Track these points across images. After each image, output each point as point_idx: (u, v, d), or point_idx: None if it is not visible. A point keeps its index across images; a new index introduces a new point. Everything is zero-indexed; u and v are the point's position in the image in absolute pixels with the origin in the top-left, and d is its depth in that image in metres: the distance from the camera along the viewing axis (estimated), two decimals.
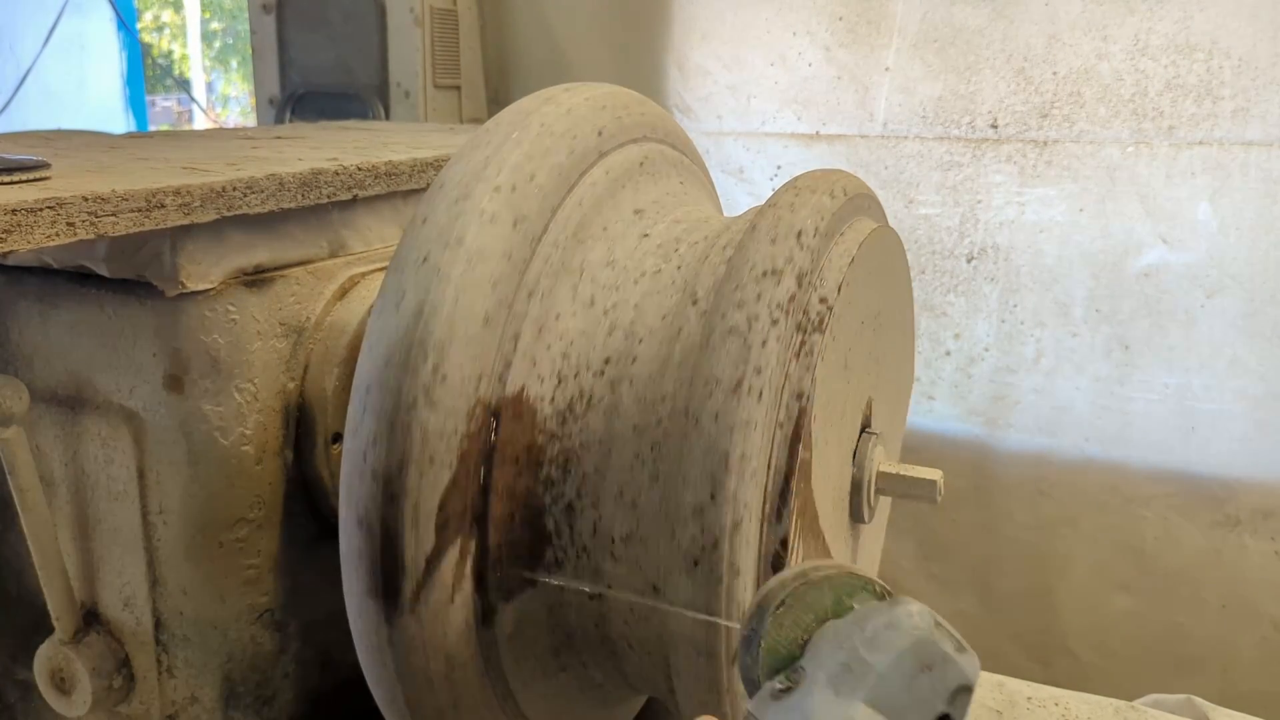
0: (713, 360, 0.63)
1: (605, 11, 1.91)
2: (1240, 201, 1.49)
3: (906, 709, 0.50)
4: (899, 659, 0.50)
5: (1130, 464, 1.62)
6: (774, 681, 0.52)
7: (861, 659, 0.51)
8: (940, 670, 0.51)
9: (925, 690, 0.50)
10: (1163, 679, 1.62)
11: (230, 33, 6.52)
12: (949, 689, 0.51)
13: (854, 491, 0.78)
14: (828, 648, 0.52)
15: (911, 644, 0.51)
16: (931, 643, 0.51)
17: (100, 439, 0.86)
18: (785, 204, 0.70)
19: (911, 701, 0.50)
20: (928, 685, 0.50)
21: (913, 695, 0.50)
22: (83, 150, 0.96)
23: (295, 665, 0.93)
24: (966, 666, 0.51)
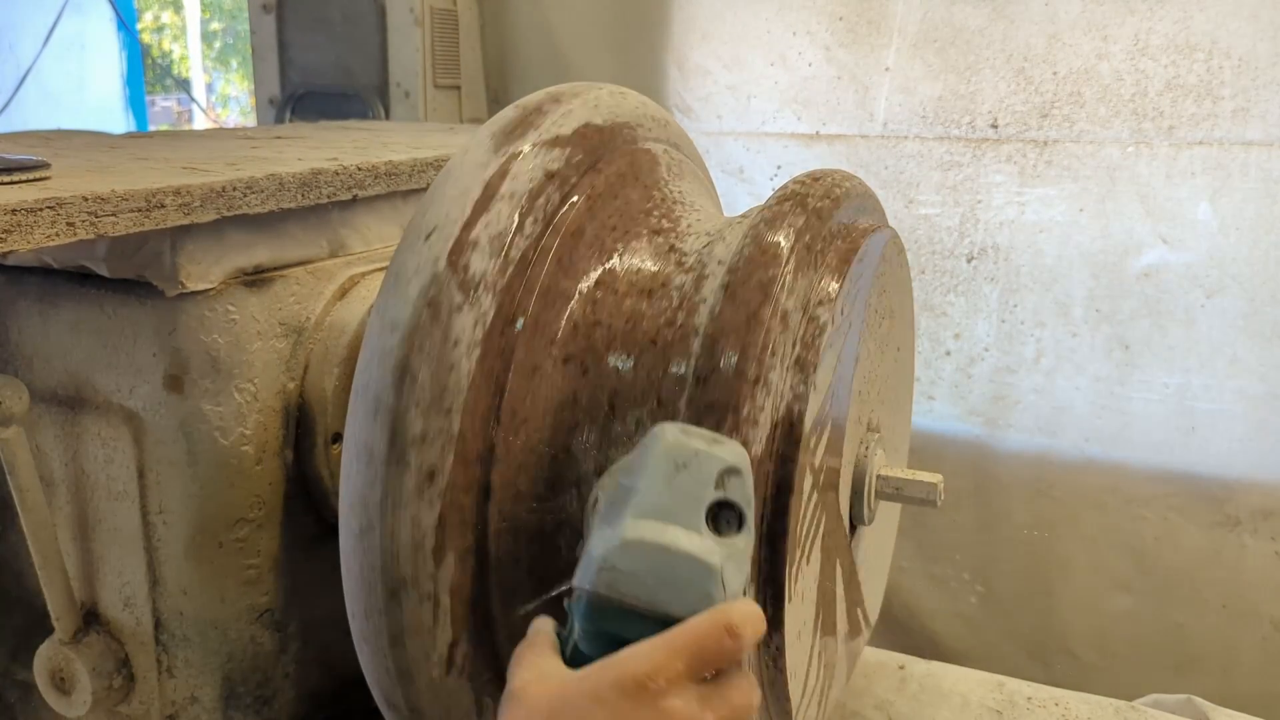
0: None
1: (605, 11, 1.91)
2: (1240, 201, 1.49)
3: (674, 506, 0.52)
4: (651, 471, 0.52)
5: (1130, 464, 1.62)
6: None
7: (623, 486, 0.53)
8: (696, 464, 0.52)
9: (687, 485, 0.52)
10: (1163, 679, 1.61)
11: (230, 33, 6.52)
12: (711, 476, 0.52)
13: (854, 494, 0.78)
14: (602, 496, 0.55)
15: (660, 453, 0.53)
16: (680, 445, 0.53)
17: (100, 439, 0.86)
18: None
19: (677, 499, 0.52)
20: (689, 480, 0.52)
21: (676, 493, 0.52)
22: (83, 150, 0.96)
23: (295, 665, 0.93)
24: (724, 453, 0.53)
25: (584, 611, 0.51)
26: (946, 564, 1.78)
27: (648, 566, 0.50)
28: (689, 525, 0.51)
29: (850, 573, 0.83)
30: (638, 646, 0.48)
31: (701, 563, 0.50)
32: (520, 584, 0.69)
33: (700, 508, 0.52)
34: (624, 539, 0.51)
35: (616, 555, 0.50)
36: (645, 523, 0.51)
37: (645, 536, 0.51)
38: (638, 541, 0.50)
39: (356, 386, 0.65)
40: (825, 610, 0.77)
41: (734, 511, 0.52)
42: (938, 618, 1.80)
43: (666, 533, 0.51)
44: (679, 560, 0.50)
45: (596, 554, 0.51)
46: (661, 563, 0.50)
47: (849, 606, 0.85)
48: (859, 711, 1.03)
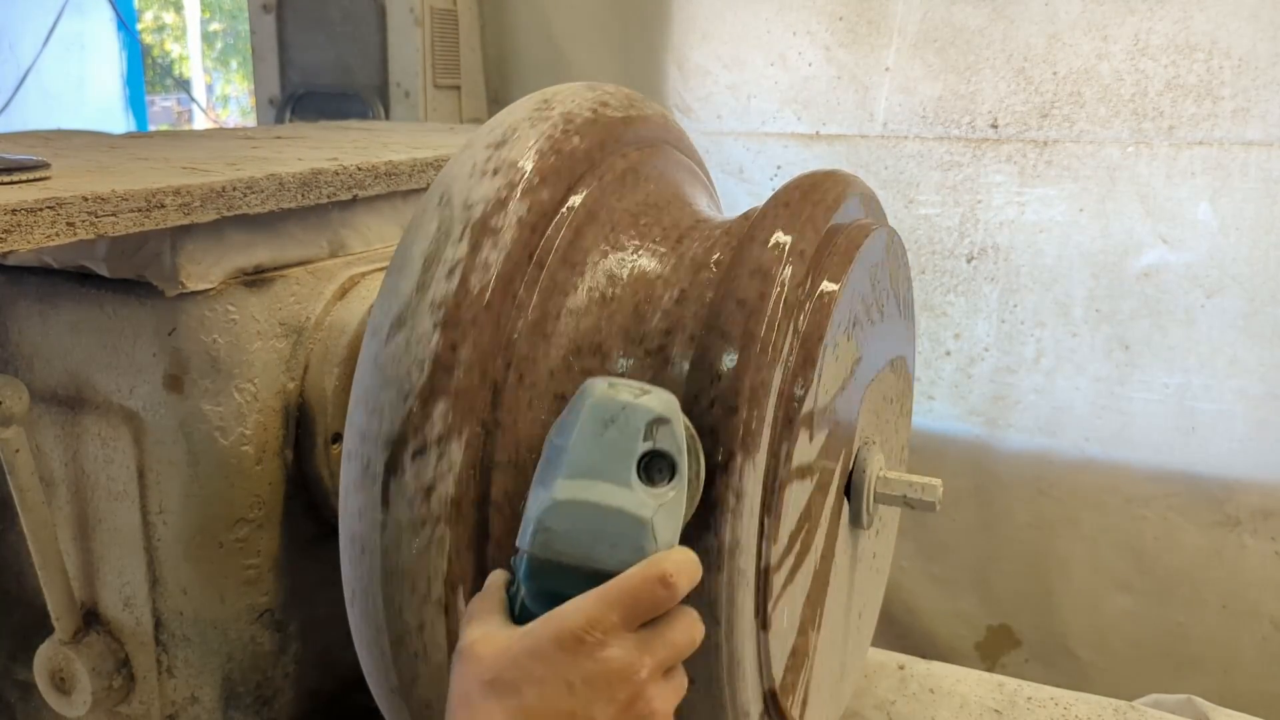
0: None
1: (605, 11, 1.91)
2: (1240, 201, 1.49)
3: (603, 463, 0.53)
4: (581, 429, 0.53)
5: (1130, 464, 1.62)
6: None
7: (554, 446, 0.54)
8: (623, 417, 0.53)
9: (616, 440, 0.53)
10: (1163, 679, 1.61)
11: (231, 33, 6.52)
12: (639, 428, 0.53)
13: (854, 498, 0.78)
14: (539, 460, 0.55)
15: (588, 410, 0.54)
16: (607, 400, 0.54)
17: (100, 439, 0.86)
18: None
19: (606, 455, 0.53)
20: (617, 435, 0.53)
21: (605, 450, 0.53)
22: (83, 150, 0.96)
23: (295, 665, 0.93)
24: (650, 403, 0.54)
25: (525, 572, 0.53)
26: (946, 564, 1.78)
27: (580, 525, 0.52)
28: (619, 480, 0.52)
29: (850, 576, 0.83)
30: (574, 601, 0.51)
31: (631, 516, 0.52)
32: None
33: (630, 461, 0.53)
34: (555, 499, 0.52)
35: (549, 516, 0.52)
36: (576, 482, 0.52)
37: (576, 495, 0.52)
38: (569, 501, 0.52)
39: (354, 385, 0.65)
40: (826, 613, 0.77)
41: (665, 460, 0.54)
42: (938, 618, 1.80)
43: (596, 489, 0.52)
44: (609, 516, 0.52)
45: (532, 515, 0.53)
46: (593, 520, 0.52)
47: (849, 610, 0.85)
48: (859, 711, 1.03)
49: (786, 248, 0.67)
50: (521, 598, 0.53)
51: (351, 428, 0.65)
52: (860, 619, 0.90)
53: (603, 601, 0.50)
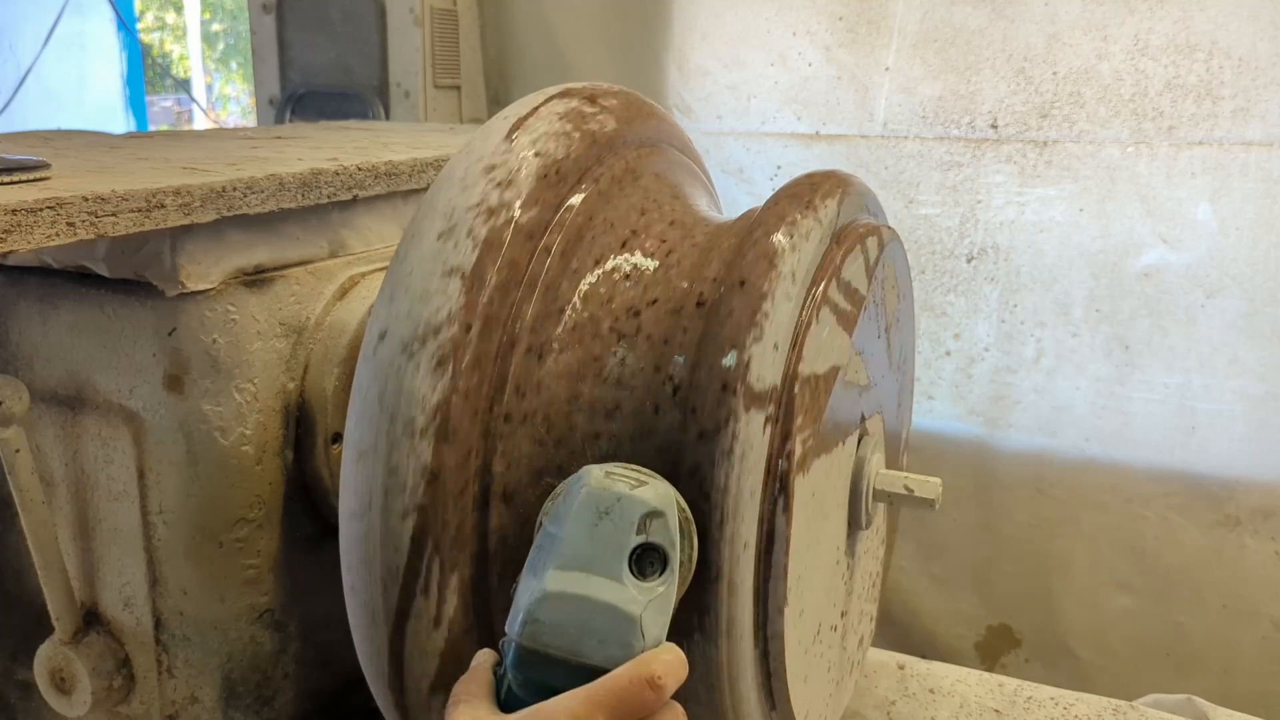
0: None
1: (605, 11, 1.91)
2: (1240, 201, 1.49)
3: (595, 556, 0.53)
4: (574, 519, 0.53)
5: (1130, 464, 1.62)
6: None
7: (548, 534, 0.54)
8: (618, 510, 0.53)
9: (609, 533, 0.53)
10: (1163, 679, 1.61)
11: (232, 34, 6.53)
12: (633, 521, 0.53)
13: (853, 498, 0.78)
14: (533, 544, 0.55)
15: (583, 500, 0.54)
16: (601, 490, 0.54)
17: (100, 439, 0.86)
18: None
19: (599, 548, 0.53)
20: (610, 528, 0.53)
21: (598, 542, 0.53)
22: (83, 150, 0.96)
23: (295, 665, 0.93)
24: (645, 495, 0.54)
25: (513, 660, 0.52)
26: (946, 564, 1.78)
27: (569, 618, 0.52)
28: (610, 574, 0.52)
29: (850, 577, 0.83)
30: (561, 699, 0.50)
31: (621, 612, 0.52)
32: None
33: (622, 555, 0.53)
34: (546, 591, 0.52)
35: (539, 607, 0.52)
36: (567, 573, 0.52)
37: (566, 588, 0.52)
38: (559, 594, 0.52)
39: (355, 385, 0.65)
40: (826, 616, 0.77)
41: (658, 552, 0.54)
42: (938, 618, 1.80)
43: (587, 583, 0.52)
44: (599, 611, 0.52)
45: (522, 604, 0.53)
46: (582, 614, 0.52)
47: (850, 612, 0.85)
48: (859, 711, 1.03)
49: (786, 248, 0.67)
50: (509, 683, 0.53)
51: (349, 442, 0.65)
52: (860, 618, 0.90)
53: (589, 702, 0.50)
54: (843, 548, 0.79)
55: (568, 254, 0.70)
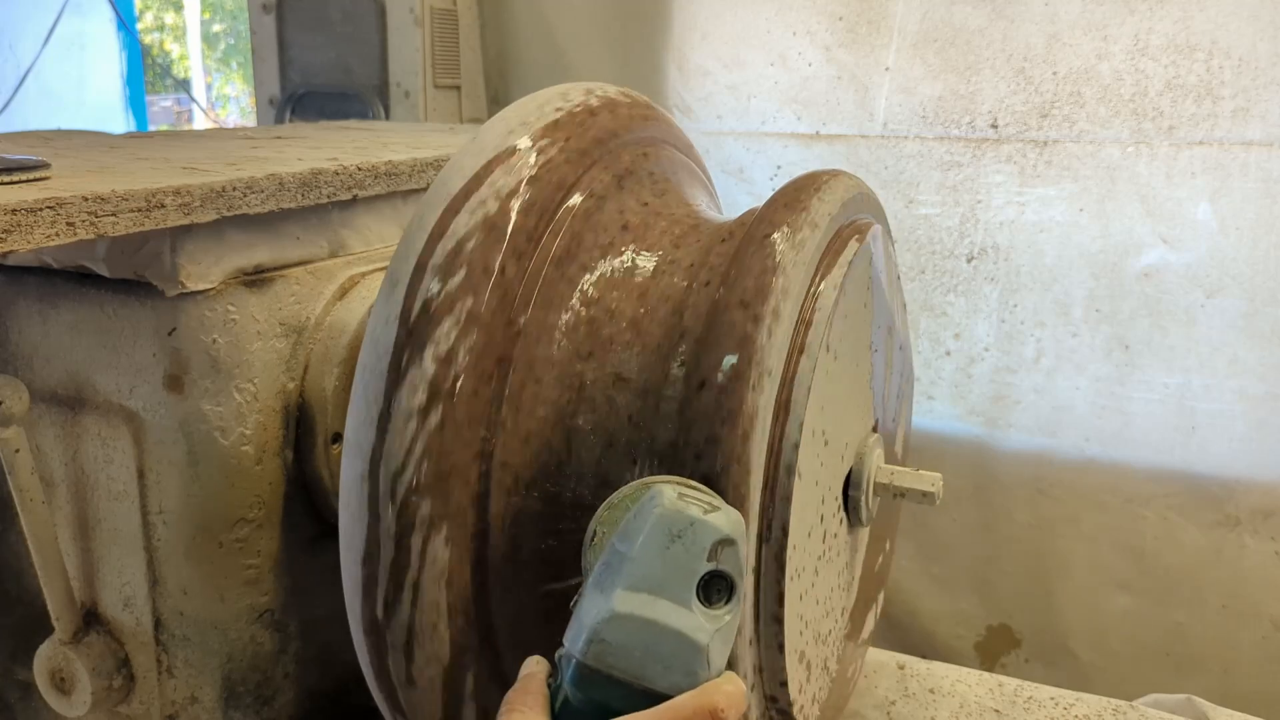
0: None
1: (605, 11, 1.91)
2: (1240, 201, 1.49)
3: (666, 579, 0.52)
4: (646, 539, 0.52)
5: (1130, 464, 1.62)
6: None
7: (617, 552, 0.53)
8: (690, 534, 0.53)
9: (680, 557, 0.52)
10: (1163, 679, 1.61)
11: (233, 34, 6.52)
12: (705, 547, 0.53)
13: (853, 494, 0.78)
14: (596, 556, 0.55)
15: (655, 520, 0.53)
16: (675, 513, 0.53)
17: (100, 439, 0.86)
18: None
19: (669, 572, 0.52)
20: (682, 551, 0.52)
21: (669, 566, 0.52)
22: (83, 150, 0.96)
23: (295, 665, 0.93)
24: (719, 521, 0.53)
25: (573, 677, 0.52)
26: (946, 564, 1.78)
27: (636, 641, 0.51)
28: (679, 599, 0.52)
29: (850, 575, 0.83)
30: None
31: (689, 640, 0.51)
32: (520, 574, 0.69)
33: (692, 581, 0.52)
34: (614, 611, 0.51)
35: (606, 628, 0.51)
36: (636, 595, 0.52)
37: (635, 610, 0.51)
38: (628, 615, 0.51)
39: (356, 380, 0.65)
40: (826, 613, 0.77)
41: (725, 581, 0.53)
42: (938, 618, 1.80)
43: (656, 607, 0.51)
44: (666, 636, 0.51)
45: (587, 623, 0.52)
46: (649, 638, 0.51)
47: (851, 609, 0.85)
48: (859, 711, 1.03)
49: (785, 248, 0.67)
50: (565, 697, 0.52)
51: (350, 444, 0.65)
52: (859, 611, 0.90)
53: None
54: (842, 539, 0.79)
55: (567, 254, 0.70)
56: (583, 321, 0.70)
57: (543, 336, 0.68)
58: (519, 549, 0.68)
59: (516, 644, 0.69)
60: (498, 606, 0.68)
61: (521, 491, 0.67)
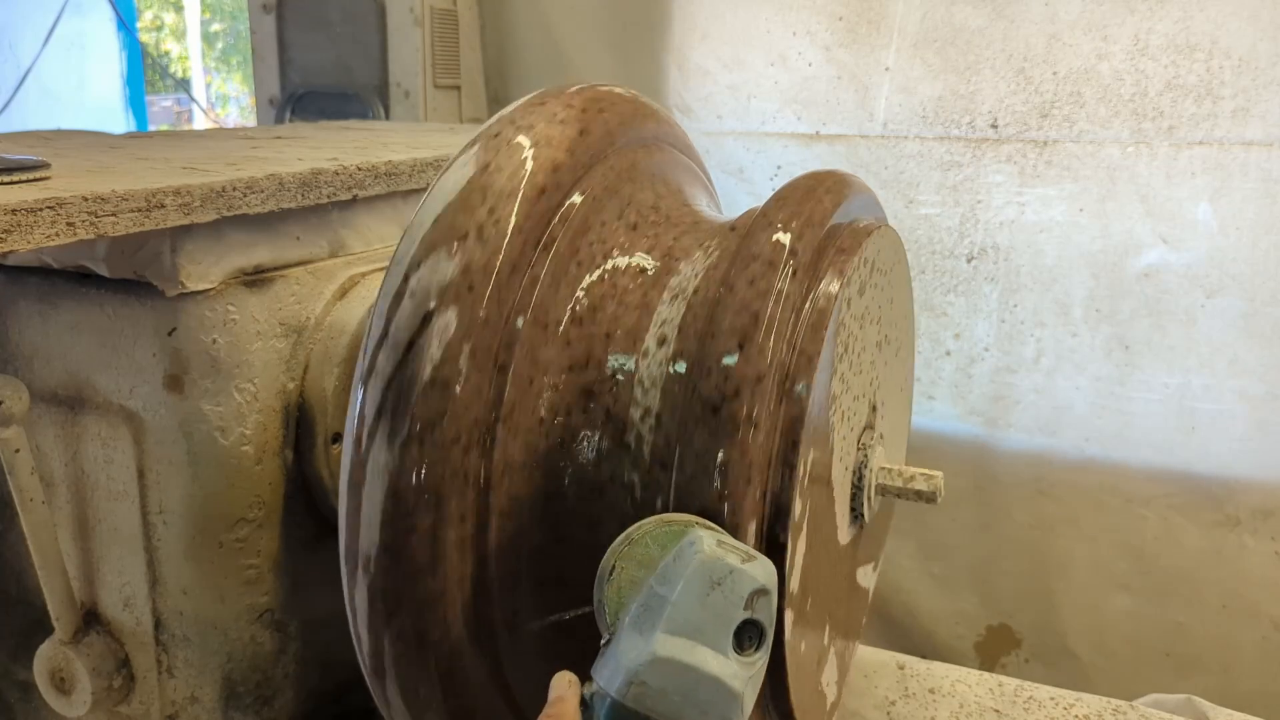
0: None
1: (605, 11, 1.91)
2: (1240, 201, 1.49)
3: (705, 625, 0.53)
4: (687, 584, 0.53)
5: (1130, 464, 1.62)
6: (602, 640, 0.55)
7: (657, 595, 0.54)
8: (729, 582, 0.54)
9: (719, 604, 0.53)
10: (1163, 679, 1.61)
11: (232, 34, 6.52)
12: (743, 596, 0.54)
13: (854, 492, 0.78)
14: (632, 596, 0.56)
15: (696, 567, 0.54)
16: (716, 560, 0.54)
17: (100, 439, 0.86)
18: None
19: (708, 618, 0.53)
20: (721, 599, 0.54)
21: (708, 612, 0.53)
22: (83, 150, 0.96)
23: (295, 665, 0.93)
24: (756, 571, 0.55)
25: (608, 715, 0.53)
26: (946, 564, 1.78)
27: (675, 685, 0.52)
28: (717, 646, 0.53)
29: (850, 573, 0.83)
30: None
31: (726, 687, 0.52)
32: (519, 572, 0.69)
33: (730, 628, 0.53)
34: (655, 655, 0.52)
35: (646, 670, 0.52)
36: (676, 640, 0.53)
37: (675, 655, 0.52)
38: (668, 659, 0.52)
39: (356, 376, 0.65)
40: (826, 611, 0.77)
41: (757, 629, 0.54)
42: (938, 618, 1.80)
43: (696, 652, 0.52)
44: (705, 682, 0.52)
45: (626, 664, 0.53)
46: (689, 683, 0.52)
47: (849, 607, 0.85)
48: (859, 711, 1.03)
49: (786, 249, 0.67)
50: None
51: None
52: (857, 604, 0.90)
53: None
54: (844, 536, 0.79)
55: (567, 253, 0.70)
56: (582, 321, 0.70)
57: (542, 336, 0.68)
58: (518, 545, 0.68)
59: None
60: (497, 598, 0.68)
61: (521, 489, 0.67)
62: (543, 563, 0.69)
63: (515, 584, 0.69)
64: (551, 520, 0.69)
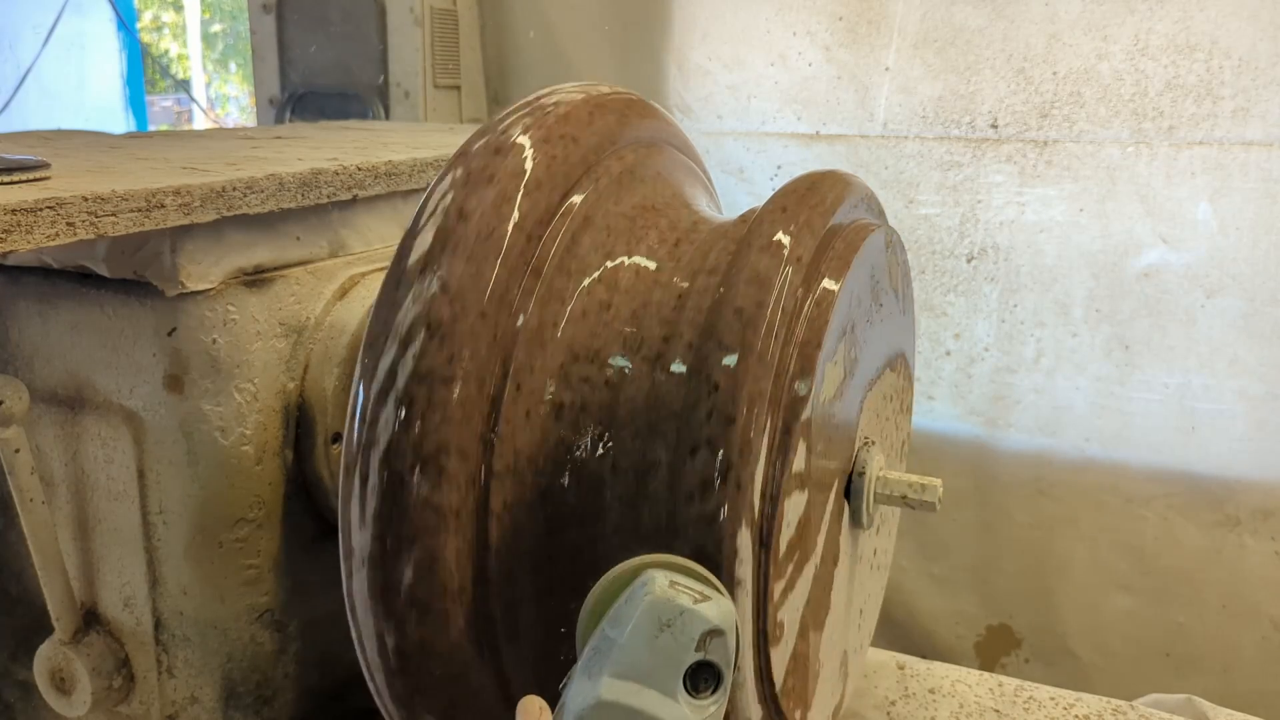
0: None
1: (605, 11, 1.91)
2: (1240, 201, 1.49)
3: (654, 668, 0.52)
4: (635, 627, 0.53)
5: (1130, 464, 1.62)
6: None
7: (606, 638, 0.54)
8: (680, 624, 0.53)
9: (669, 647, 0.53)
10: (1163, 679, 1.61)
11: (232, 34, 6.52)
12: (693, 638, 0.53)
13: (854, 499, 0.78)
14: (587, 639, 0.55)
15: (645, 609, 0.53)
16: (665, 602, 0.53)
17: (100, 439, 0.86)
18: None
19: (657, 661, 0.52)
20: (670, 642, 0.53)
21: (656, 655, 0.52)
22: (83, 150, 0.96)
23: (295, 665, 0.93)
24: (709, 612, 0.53)
25: None
26: (946, 564, 1.78)
27: None
28: (665, 689, 0.52)
29: (851, 574, 0.83)
30: None
31: None
32: (519, 569, 0.69)
33: (679, 671, 0.53)
34: (600, 699, 0.52)
35: (591, 715, 0.52)
36: (623, 683, 0.52)
37: (620, 699, 0.52)
38: (613, 703, 0.52)
39: (356, 375, 0.65)
40: (826, 613, 0.77)
41: (712, 670, 0.53)
42: (938, 618, 1.80)
43: (643, 696, 0.52)
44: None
45: (573, 708, 0.52)
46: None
47: (850, 608, 0.85)
48: (859, 711, 1.03)
49: (785, 250, 0.67)
50: None
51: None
52: (861, 616, 0.90)
53: None
54: (846, 549, 0.79)
55: (567, 253, 0.70)
56: (582, 321, 0.70)
57: (542, 337, 0.68)
58: (517, 544, 0.68)
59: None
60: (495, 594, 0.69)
61: (520, 488, 0.67)
62: (542, 562, 0.69)
63: (515, 581, 0.69)
64: (549, 518, 0.69)
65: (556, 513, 0.69)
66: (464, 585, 0.66)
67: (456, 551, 0.65)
